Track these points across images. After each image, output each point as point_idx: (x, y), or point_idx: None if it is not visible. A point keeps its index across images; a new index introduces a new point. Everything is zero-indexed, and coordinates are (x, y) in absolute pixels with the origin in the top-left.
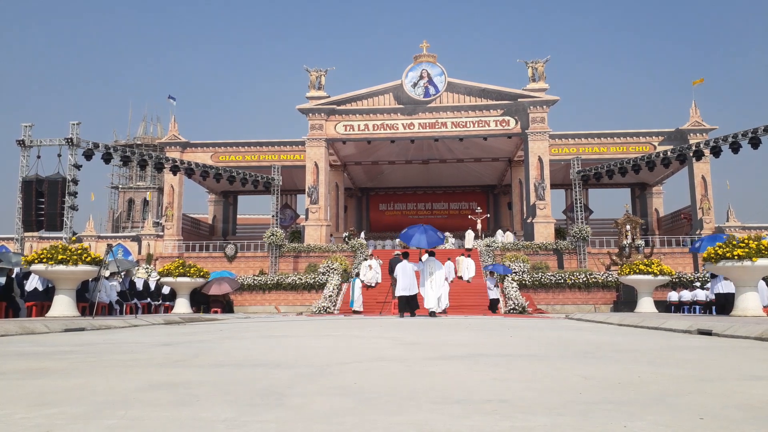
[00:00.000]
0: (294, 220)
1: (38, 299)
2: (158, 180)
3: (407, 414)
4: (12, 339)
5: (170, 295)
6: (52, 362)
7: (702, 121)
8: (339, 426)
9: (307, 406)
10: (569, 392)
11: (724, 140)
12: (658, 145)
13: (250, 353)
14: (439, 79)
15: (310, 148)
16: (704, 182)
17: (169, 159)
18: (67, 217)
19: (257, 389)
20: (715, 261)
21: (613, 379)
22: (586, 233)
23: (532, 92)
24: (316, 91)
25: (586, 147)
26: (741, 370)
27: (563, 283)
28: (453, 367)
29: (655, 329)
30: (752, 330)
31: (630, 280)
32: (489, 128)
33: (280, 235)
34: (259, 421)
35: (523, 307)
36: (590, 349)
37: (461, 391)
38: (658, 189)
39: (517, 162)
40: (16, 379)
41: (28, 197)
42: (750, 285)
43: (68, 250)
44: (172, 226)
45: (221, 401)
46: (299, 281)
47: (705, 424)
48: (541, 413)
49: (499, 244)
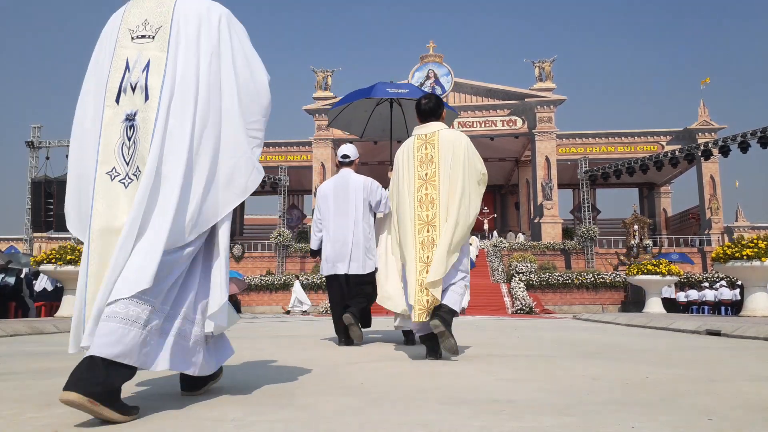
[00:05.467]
0: (301, 221)
1: (47, 299)
2: None
3: (415, 414)
4: (21, 339)
5: None
6: (60, 362)
7: (710, 120)
8: (346, 426)
9: (315, 406)
10: (577, 393)
11: (733, 139)
12: (666, 144)
13: (258, 353)
14: (446, 79)
15: (316, 149)
16: (713, 182)
17: None
18: None
19: (265, 389)
20: (724, 261)
21: (621, 379)
22: (593, 233)
23: (539, 92)
24: (322, 91)
25: (594, 147)
26: (750, 371)
27: (571, 283)
28: (460, 368)
29: (663, 330)
30: (761, 330)
31: (638, 280)
32: (496, 128)
33: (288, 236)
34: (267, 421)
35: (530, 308)
36: (598, 350)
37: (469, 391)
38: (666, 189)
39: (524, 162)
40: (25, 379)
41: (37, 198)
42: (759, 285)
43: (77, 251)
44: None
45: (228, 401)
46: (306, 281)
47: (713, 425)
48: (549, 413)
49: (506, 244)
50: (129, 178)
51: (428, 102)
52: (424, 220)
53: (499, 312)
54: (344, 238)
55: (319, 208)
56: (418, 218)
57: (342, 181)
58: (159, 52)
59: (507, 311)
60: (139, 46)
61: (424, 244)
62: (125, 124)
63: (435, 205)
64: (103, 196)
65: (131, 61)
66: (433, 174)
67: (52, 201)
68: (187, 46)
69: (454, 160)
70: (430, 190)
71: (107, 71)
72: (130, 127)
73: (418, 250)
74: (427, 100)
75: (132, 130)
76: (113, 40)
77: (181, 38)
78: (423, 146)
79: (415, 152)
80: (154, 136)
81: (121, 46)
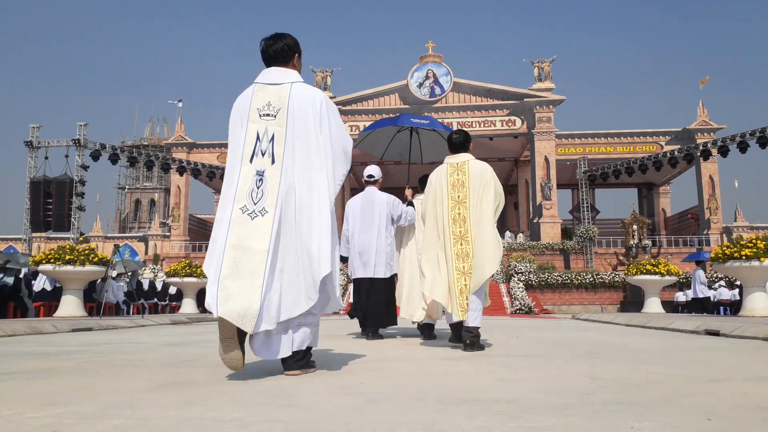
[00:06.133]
0: None
1: (46, 299)
2: (165, 181)
3: (414, 414)
4: (20, 339)
5: (177, 295)
6: (59, 362)
7: (709, 120)
8: (346, 426)
9: (314, 405)
10: (576, 393)
11: (732, 140)
12: (665, 144)
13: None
14: (445, 79)
15: None
16: (712, 182)
17: (176, 160)
18: (75, 218)
19: (264, 389)
20: (723, 261)
21: (621, 379)
22: (592, 233)
23: (538, 92)
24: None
25: (593, 147)
26: (749, 371)
27: (570, 283)
28: (460, 367)
29: (662, 329)
30: (760, 330)
31: (637, 280)
32: (495, 128)
33: None
34: (267, 421)
35: (529, 308)
36: (597, 350)
37: (468, 391)
38: (666, 189)
39: (523, 162)
40: (24, 379)
41: (35, 198)
42: (758, 285)
43: (75, 251)
44: (179, 226)
45: (228, 401)
46: None
47: (713, 425)
48: (549, 413)
49: (505, 244)
50: (255, 214)
51: (458, 137)
52: (458, 235)
53: (498, 312)
54: (369, 248)
55: (347, 221)
56: (452, 234)
57: (368, 198)
58: (280, 128)
59: (506, 311)
60: (265, 122)
61: (458, 256)
62: (256, 177)
63: (466, 222)
64: (236, 223)
65: (260, 134)
66: (465, 197)
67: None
68: (299, 123)
69: (482, 185)
70: (462, 210)
71: (243, 139)
72: (259, 179)
73: (454, 260)
74: (457, 135)
75: (261, 182)
76: (246, 115)
77: (296, 117)
78: (455, 173)
79: (448, 177)
80: (279, 188)
81: (252, 121)
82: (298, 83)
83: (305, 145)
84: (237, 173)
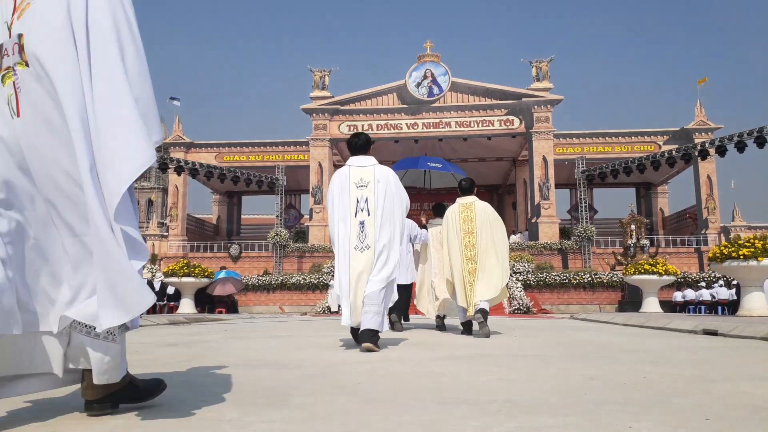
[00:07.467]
0: (298, 220)
1: None
2: (162, 180)
3: (413, 414)
4: None
5: (175, 295)
6: None
7: (707, 120)
8: (343, 426)
9: (312, 406)
10: (574, 392)
11: (730, 139)
12: (662, 144)
13: (255, 353)
14: (443, 79)
15: (314, 148)
16: (709, 182)
17: (174, 159)
18: None
19: (262, 389)
20: (721, 261)
21: (618, 379)
22: (590, 233)
23: (536, 92)
24: (320, 91)
25: (591, 146)
26: (747, 371)
27: (568, 283)
28: (458, 368)
29: (660, 329)
30: (758, 330)
31: (635, 280)
32: (493, 128)
33: (285, 235)
34: (264, 421)
35: (527, 307)
36: (595, 350)
37: (467, 391)
38: (663, 188)
39: (521, 162)
40: None
41: None
42: (756, 285)
43: None
44: (177, 226)
45: (226, 401)
46: (303, 281)
47: (711, 425)
48: (547, 413)
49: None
50: (362, 249)
51: (466, 183)
52: (469, 257)
53: (497, 312)
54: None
55: None
56: (464, 256)
57: None
58: (371, 194)
59: (504, 311)
60: (361, 190)
61: (469, 272)
62: (359, 226)
63: (475, 247)
64: (352, 257)
65: (360, 199)
66: (473, 228)
67: None
68: (382, 189)
69: (486, 220)
70: (471, 238)
71: (348, 203)
72: (361, 227)
73: (465, 276)
74: (466, 182)
75: (363, 229)
76: (347, 187)
77: (380, 187)
78: (465, 210)
79: (459, 214)
80: (376, 232)
81: (352, 191)
82: (377, 165)
83: (387, 201)
84: (347, 224)
